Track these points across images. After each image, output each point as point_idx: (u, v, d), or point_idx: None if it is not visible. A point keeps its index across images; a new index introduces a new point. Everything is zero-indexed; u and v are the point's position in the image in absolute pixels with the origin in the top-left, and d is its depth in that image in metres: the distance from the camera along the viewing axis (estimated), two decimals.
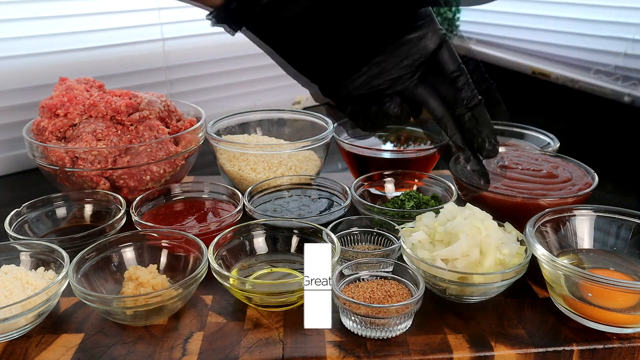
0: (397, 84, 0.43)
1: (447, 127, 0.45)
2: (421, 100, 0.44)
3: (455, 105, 0.44)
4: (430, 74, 0.44)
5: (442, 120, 0.45)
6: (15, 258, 0.59)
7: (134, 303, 0.51)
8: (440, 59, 0.43)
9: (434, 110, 0.44)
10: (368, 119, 0.45)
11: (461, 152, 0.45)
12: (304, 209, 0.71)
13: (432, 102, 0.44)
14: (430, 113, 0.45)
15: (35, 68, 0.99)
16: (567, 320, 0.54)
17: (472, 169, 0.46)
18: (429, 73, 0.44)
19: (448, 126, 0.45)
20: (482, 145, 0.45)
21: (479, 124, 0.44)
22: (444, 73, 0.44)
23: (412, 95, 0.44)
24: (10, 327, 0.50)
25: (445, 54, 0.44)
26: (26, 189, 0.95)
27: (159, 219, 0.69)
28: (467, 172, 0.45)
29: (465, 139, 0.45)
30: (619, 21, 1.19)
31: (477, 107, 0.45)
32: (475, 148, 0.45)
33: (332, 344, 0.51)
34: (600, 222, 0.60)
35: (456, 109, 0.44)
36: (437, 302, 0.57)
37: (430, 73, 0.44)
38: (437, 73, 0.44)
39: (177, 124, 0.78)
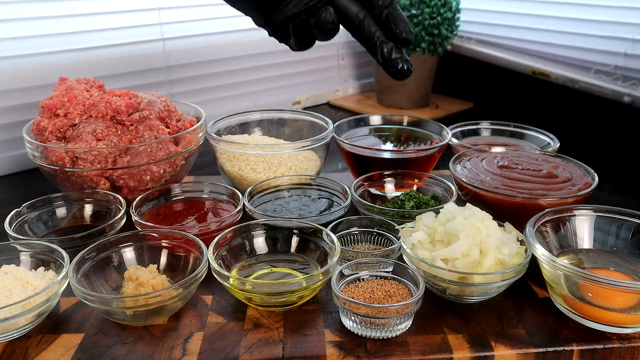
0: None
1: (369, 25, 0.51)
2: (343, 7, 0.51)
3: (373, 5, 0.51)
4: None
5: (364, 21, 0.51)
6: (15, 258, 0.59)
7: (134, 303, 0.51)
8: None
9: (356, 13, 0.51)
10: (308, 34, 0.52)
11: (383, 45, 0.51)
12: (304, 209, 0.71)
13: (353, 7, 0.51)
14: (351, 18, 0.51)
15: (35, 68, 0.99)
16: (567, 320, 0.54)
17: (394, 58, 0.52)
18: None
19: (370, 25, 0.51)
20: (402, 33, 0.52)
21: (395, 18, 0.51)
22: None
23: (337, 4, 0.51)
24: (10, 327, 0.50)
25: None
26: (26, 189, 0.95)
27: (159, 219, 0.69)
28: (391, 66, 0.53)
29: (386, 33, 0.52)
30: (619, 21, 1.19)
31: (391, 4, 0.52)
32: (396, 39, 0.52)
33: (332, 344, 0.51)
34: (600, 222, 0.60)
35: (375, 9, 0.51)
36: (437, 302, 0.57)
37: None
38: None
39: (177, 124, 0.78)
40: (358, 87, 1.77)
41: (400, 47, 0.52)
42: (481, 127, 0.92)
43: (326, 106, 1.64)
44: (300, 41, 0.54)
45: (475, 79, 1.62)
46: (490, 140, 0.90)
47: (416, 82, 1.58)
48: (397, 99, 1.62)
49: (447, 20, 1.49)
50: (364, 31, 0.51)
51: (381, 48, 0.51)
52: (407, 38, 0.51)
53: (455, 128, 0.89)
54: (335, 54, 1.66)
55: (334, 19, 0.50)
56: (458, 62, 1.63)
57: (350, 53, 1.73)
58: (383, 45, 0.51)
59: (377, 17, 0.52)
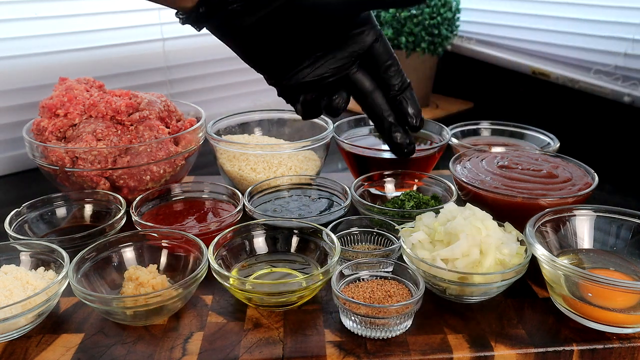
0: (340, 72, 0.51)
1: (383, 107, 0.52)
2: (360, 84, 0.52)
3: (389, 88, 0.52)
4: (367, 64, 0.52)
5: (377, 101, 0.52)
6: (15, 258, 0.59)
7: (134, 303, 0.51)
8: (376, 52, 0.51)
9: (371, 92, 0.52)
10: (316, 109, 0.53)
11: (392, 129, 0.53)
12: (304, 209, 0.71)
13: (369, 85, 0.52)
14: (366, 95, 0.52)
15: (35, 68, 0.99)
16: (567, 320, 0.54)
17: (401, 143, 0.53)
18: (367, 63, 0.52)
19: (383, 106, 0.52)
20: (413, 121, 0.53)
21: (409, 105, 0.53)
22: (379, 63, 0.52)
23: (352, 80, 0.52)
24: (10, 327, 0.50)
25: (380, 47, 0.51)
26: (26, 189, 0.95)
27: (159, 219, 0.69)
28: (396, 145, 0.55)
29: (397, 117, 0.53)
30: (619, 21, 1.19)
31: (407, 90, 0.53)
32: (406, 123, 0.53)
33: (332, 344, 0.51)
34: (600, 222, 0.60)
35: (390, 91, 0.52)
36: (437, 302, 0.57)
37: (367, 63, 0.52)
38: (373, 63, 0.52)
39: (177, 124, 0.78)
40: None
41: (407, 132, 0.53)
42: (481, 127, 0.92)
43: None
44: (308, 112, 0.54)
45: (475, 79, 1.62)
46: (490, 140, 0.90)
47: (416, 82, 1.58)
48: None
49: (447, 20, 1.49)
50: (376, 112, 0.52)
51: (389, 131, 0.52)
52: (417, 126, 0.53)
53: (455, 128, 0.89)
54: None
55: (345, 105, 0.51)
56: (458, 62, 1.63)
57: None
58: (392, 128, 0.53)
59: (391, 98, 0.52)
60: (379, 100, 0.52)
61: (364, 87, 0.52)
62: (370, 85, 0.52)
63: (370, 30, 0.50)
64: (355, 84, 0.52)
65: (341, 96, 0.50)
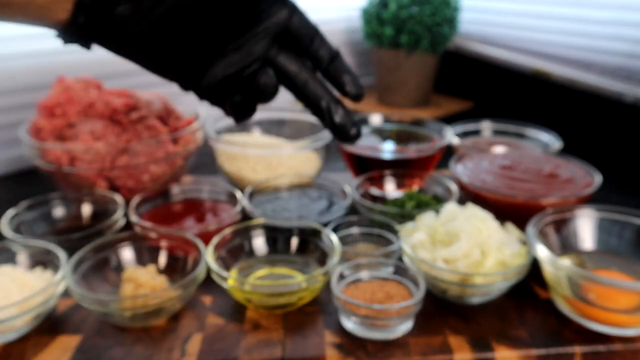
0: (258, 57, 0.44)
1: (314, 87, 0.46)
2: (283, 67, 0.45)
3: (317, 62, 0.46)
4: (288, 43, 0.46)
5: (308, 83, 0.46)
6: (12, 258, 0.59)
7: (132, 304, 0.50)
8: (294, 27, 0.45)
9: (298, 73, 0.45)
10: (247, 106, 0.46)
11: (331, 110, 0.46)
12: (304, 209, 0.71)
13: (294, 66, 0.45)
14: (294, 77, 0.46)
15: (32, 68, 0.98)
16: (569, 322, 0.54)
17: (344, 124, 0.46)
18: (288, 42, 0.46)
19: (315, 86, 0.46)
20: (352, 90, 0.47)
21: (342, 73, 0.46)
22: (301, 38, 0.46)
23: (275, 65, 0.45)
24: (7, 328, 0.50)
25: (297, 21, 0.45)
26: (24, 189, 0.95)
27: (157, 219, 0.68)
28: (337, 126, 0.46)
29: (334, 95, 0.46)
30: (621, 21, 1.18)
31: (336, 59, 0.47)
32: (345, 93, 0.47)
33: (332, 345, 0.50)
34: (602, 222, 0.60)
35: (320, 66, 0.46)
36: (438, 303, 0.56)
37: (288, 42, 0.46)
38: (294, 40, 0.46)
39: (175, 124, 0.78)
40: None
41: (348, 111, 0.47)
42: (482, 127, 0.92)
43: None
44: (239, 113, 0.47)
45: (477, 79, 1.61)
46: (491, 140, 0.90)
47: (417, 82, 1.58)
48: (398, 98, 1.62)
49: (448, 19, 1.49)
50: (309, 94, 0.46)
51: (329, 114, 0.46)
52: (357, 94, 0.47)
53: (456, 128, 0.89)
54: None
55: (275, 81, 0.44)
56: (459, 61, 1.63)
57: (350, 52, 1.72)
58: (330, 109, 0.46)
59: (322, 73, 0.47)
60: (310, 78, 0.45)
61: (290, 69, 0.45)
62: (296, 65, 0.45)
63: (282, 6, 0.45)
64: (279, 67, 0.45)
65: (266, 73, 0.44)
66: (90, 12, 0.38)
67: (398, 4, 1.48)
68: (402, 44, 1.54)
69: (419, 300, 0.51)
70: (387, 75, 1.60)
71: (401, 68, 1.56)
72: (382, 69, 1.61)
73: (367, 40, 1.60)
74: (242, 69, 0.44)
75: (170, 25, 0.41)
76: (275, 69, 0.45)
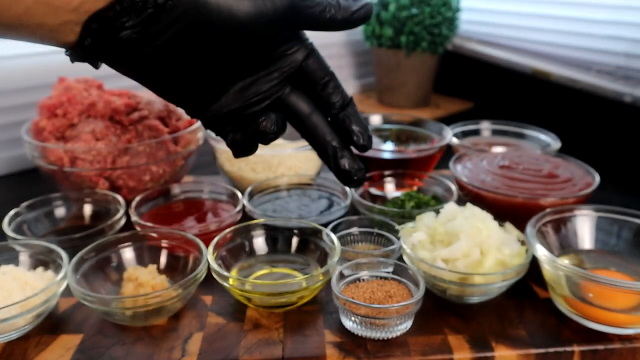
0: (268, 96, 0.44)
1: (324, 131, 0.45)
2: (295, 107, 0.45)
3: (329, 107, 0.45)
4: (302, 84, 0.45)
5: (318, 126, 0.45)
6: (14, 258, 0.59)
7: (133, 303, 0.51)
8: (309, 69, 0.45)
9: (309, 114, 0.45)
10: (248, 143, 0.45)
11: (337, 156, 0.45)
12: (304, 209, 0.71)
13: (305, 108, 0.45)
14: (303, 119, 0.45)
15: (34, 68, 0.99)
16: (568, 321, 0.54)
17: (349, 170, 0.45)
18: (301, 83, 0.45)
19: (324, 130, 0.45)
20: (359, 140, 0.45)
21: (352, 122, 0.45)
22: (315, 81, 0.45)
23: (286, 104, 0.45)
24: (9, 327, 0.50)
25: (313, 64, 0.45)
26: (25, 189, 0.95)
27: (158, 219, 0.68)
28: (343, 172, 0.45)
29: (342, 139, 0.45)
30: (620, 21, 1.19)
31: (349, 107, 0.45)
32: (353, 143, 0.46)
33: (332, 344, 0.50)
34: (601, 222, 0.60)
35: (331, 110, 0.45)
36: (438, 302, 0.57)
37: (302, 83, 0.45)
38: (308, 82, 0.45)
39: (176, 124, 0.78)
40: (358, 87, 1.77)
41: (354, 157, 0.46)
42: (482, 127, 0.92)
43: None
44: (238, 150, 0.46)
45: (476, 79, 1.61)
46: (490, 140, 0.90)
47: (416, 82, 1.58)
48: (398, 98, 1.62)
49: (448, 20, 1.49)
50: (317, 136, 0.45)
51: (335, 157, 0.45)
52: (364, 145, 0.45)
53: (455, 128, 0.89)
54: (335, 54, 1.66)
55: (275, 127, 0.43)
56: (458, 61, 1.63)
57: (350, 53, 1.73)
58: (337, 153, 0.45)
59: (332, 118, 0.46)
60: (319, 122, 0.45)
61: (301, 109, 0.45)
62: (307, 107, 0.45)
63: (300, 47, 0.44)
64: (290, 107, 0.45)
65: (269, 118, 0.43)
66: (96, 35, 0.38)
67: (398, 5, 1.48)
68: (401, 44, 1.54)
69: (418, 299, 0.51)
70: (387, 75, 1.61)
71: (401, 68, 1.57)
72: (382, 69, 1.62)
73: (367, 40, 1.60)
74: (248, 106, 0.43)
75: (176, 52, 0.40)
76: (286, 108, 0.45)
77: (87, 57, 0.40)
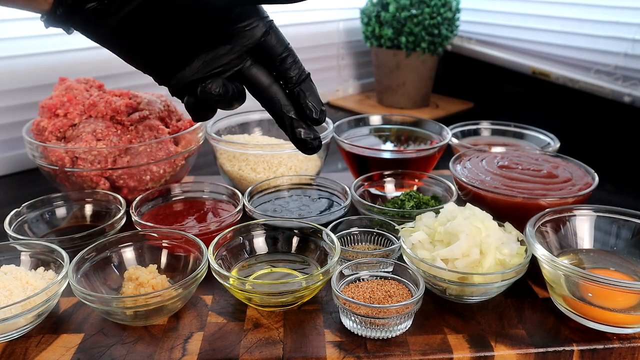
0: (229, 68, 0.47)
1: (281, 102, 0.49)
2: (254, 79, 0.48)
3: (286, 81, 0.49)
4: (261, 57, 0.48)
5: (276, 97, 0.48)
6: (15, 258, 0.59)
7: (133, 303, 0.51)
8: (268, 44, 0.48)
9: (267, 87, 0.48)
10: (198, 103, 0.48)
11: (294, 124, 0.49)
12: (304, 209, 0.71)
13: (265, 80, 0.48)
14: (262, 90, 0.48)
15: (35, 68, 0.99)
16: (567, 321, 0.54)
17: (304, 138, 0.49)
18: (260, 57, 0.48)
19: (281, 101, 0.49)
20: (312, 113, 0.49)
21: (308, 96, 0.49)
22: (273, 55, 0.48)
23: (246, 76, 0.48)
24: (10, 327, 0.50)
25: (272, 39, 0.48)
26: (26, 189, 0.95)
27: (159, 219, 0.69)
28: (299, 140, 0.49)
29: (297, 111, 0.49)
30: (619, 21, 1.19)
31: (305, 82, 0.49)
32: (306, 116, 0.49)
33: (332, 344, 0.51)
34: (600, 222, 0.60)
35: (287, 85, 0.49)
36: (437, 302, 0.57)
37: (261, 57, 0.48)
38: (267, 56, 0.48)
39: (177, 124, 0.78)
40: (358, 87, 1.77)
41: (310, 126, 0.50)
42: (481, 127, 0.92)
43: (326, 106, 1.64)
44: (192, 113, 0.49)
45: (476, 79, 1.62)
46: (490, 140, 0.90)
47: (416, 82, 1.58)
48: (397, 98, 1.62)
49: (447, 20, 1.49)
50: (275, 108, 0.49)
51: (291, 127, 0.49)
52: (317, 119, 0.49)
53: (455, 128, 0.89)
54: (335, 54, 1.66)
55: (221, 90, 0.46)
56: (458, 62, 1.64)
57: (350, 53, 1.73)
58: (294, 124, 0.49)
59: (289, 92, 0.49)
60: (278, 94, 0.48)
61: (260, 82, 0.48)
62: (266, 79, 0.48)
63: (259, 22, 0.47)
64: (250, 79, 0.48)
65: (215, 82, 0.46)
66: (66, 6, 0.43)
67: (398, 6, 1.48)
68: (401, 45, 1.54)
69: (418, 299, 0.51)
70: (387, 76, 1.61)
71: (401, 69, 1.57)
72: (381, 69, 1.62)
73: (367, 41, 1.61)
74: (209, 77, 0.46)
75: (139, 24, 0.44)
76: (246, 80, 0.48)
77: (59, 24, 0.45)
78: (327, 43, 1.62)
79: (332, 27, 1.63)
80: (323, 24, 1.60)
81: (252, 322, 0.54)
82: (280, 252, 0.63)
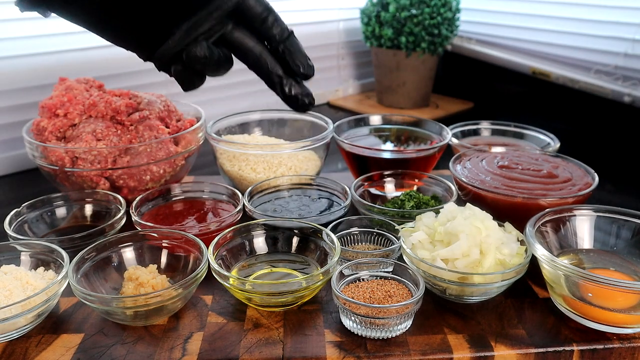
0: (211, 34, 0.47)
1: (267, 61, 0.49)
2: (238, 42, 0.48)
3: (270, 40, 0.49)
4: (242, 20, 0.49)
5: (261, 57, 0.49)
6: (15, 258, 0.59)
7: (133, 303, 0.51)
8: (247, 5, 0.48)
9: (252, 48, 0.48)
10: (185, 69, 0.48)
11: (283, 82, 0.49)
12: (304, 209, 0.71)
13: (249, 42, 0.49)
14: (247, 52, 0.48)
15: (35, 68, 0.99)
16: (567, 321, 0.54)
17: (295, 94, 0.49)
18: (242, 20, 0.48)
19: (267, 60, 0.49)
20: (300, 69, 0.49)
21: (293, 52, 0.49)
22: (254, 16, 0.48)
23: (230, 41, 0.48)
24: (10, 327, 0.50)
25: (250, 1, 0.48)
26: (26, 189, 0.95)
27: (159, 219, 0.69)
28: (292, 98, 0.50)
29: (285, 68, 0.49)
30: (619, 21, 1.19)
31: (289, 38, 0.49)
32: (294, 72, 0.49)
33: (332, 344, 0.51)
34: (600, 222, 0.60)
35: (272, 44, 0.49)
36: (437, 302, 0.57)
37: (242, 20, 0.48)
38: (248, 18, 0.48)
39: (177, 124, 0.78)
40: (358, 87, 1.77)
41: (300, 82, 0.50)
42: (481, 127, 0.92)
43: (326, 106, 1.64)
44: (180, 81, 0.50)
45: (476, 79, 1.62)
46: (490, 140, 0.90)
47: (416, 82, 1.58)
48: (397, 99, 1.62)
49: (447, 20, 1.49)
50: (262, 68, 0.49)
51: (280, 85, 0.49)
52: (305, 73, 0.49)
53: (455, 128, 0.89)
54: (335, 54, 1.66)
55: (206, 52, 0.46)
56: (458, 62, 1.64)
57: (350, 53, 1.73)
58: (283, 81, 0.49)
59: (274, 51, 0.49)
60: (263, 54, 0.48)
61: (244, 44, 0.48)
62: (250, 41, 0.49)
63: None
64: (233, 43, 0.48)
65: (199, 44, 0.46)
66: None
67: (398, 6, 1.48)
68: (401, 45, 1.54)
69: (418, 299, 0.51)
70: (387, 76, 1.61)
71: (401, 69, 1.57)
72: (381, 69, 1.62)
73: (367, 41, 1.61)
74: (191, 44, 0.46)
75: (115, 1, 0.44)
76: (230, 45, 0.48)
77: (34, 7, 0.45)
78: (327, 43, 1.62)
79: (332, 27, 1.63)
80: (323, 24, 1.60)
81: (252, 322, 0.54)
82: (280, 252, 0.63)
